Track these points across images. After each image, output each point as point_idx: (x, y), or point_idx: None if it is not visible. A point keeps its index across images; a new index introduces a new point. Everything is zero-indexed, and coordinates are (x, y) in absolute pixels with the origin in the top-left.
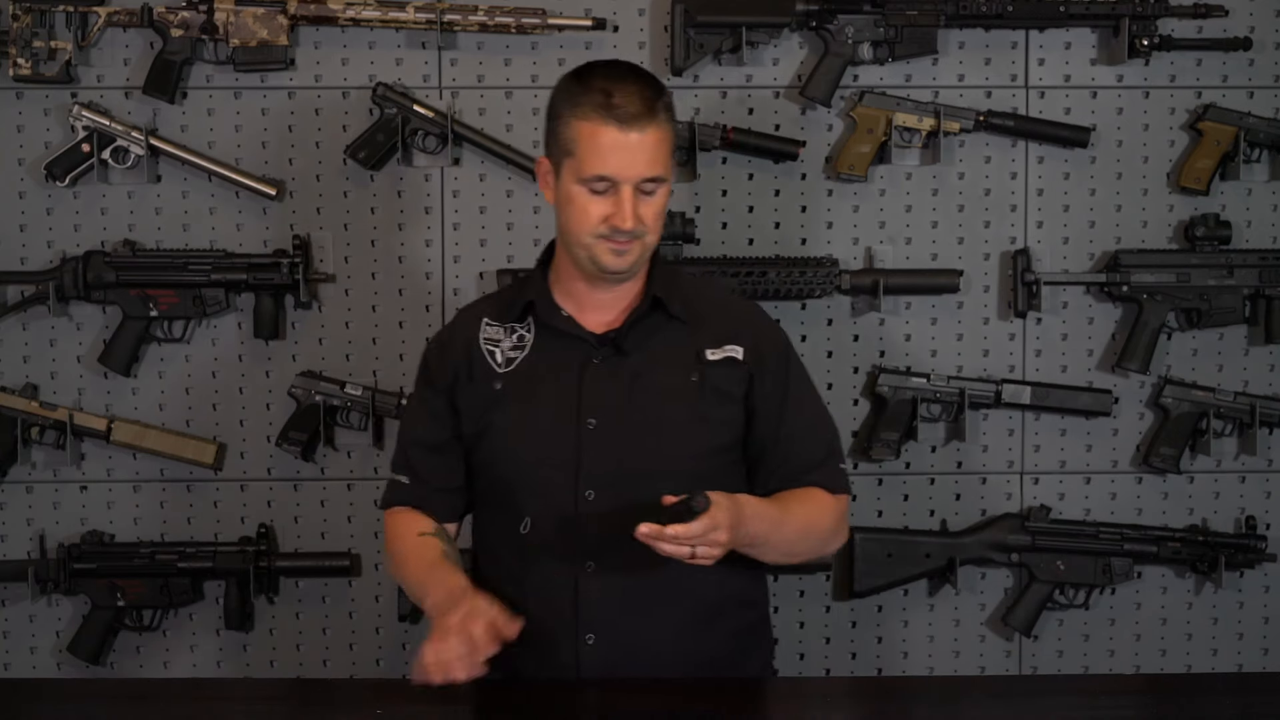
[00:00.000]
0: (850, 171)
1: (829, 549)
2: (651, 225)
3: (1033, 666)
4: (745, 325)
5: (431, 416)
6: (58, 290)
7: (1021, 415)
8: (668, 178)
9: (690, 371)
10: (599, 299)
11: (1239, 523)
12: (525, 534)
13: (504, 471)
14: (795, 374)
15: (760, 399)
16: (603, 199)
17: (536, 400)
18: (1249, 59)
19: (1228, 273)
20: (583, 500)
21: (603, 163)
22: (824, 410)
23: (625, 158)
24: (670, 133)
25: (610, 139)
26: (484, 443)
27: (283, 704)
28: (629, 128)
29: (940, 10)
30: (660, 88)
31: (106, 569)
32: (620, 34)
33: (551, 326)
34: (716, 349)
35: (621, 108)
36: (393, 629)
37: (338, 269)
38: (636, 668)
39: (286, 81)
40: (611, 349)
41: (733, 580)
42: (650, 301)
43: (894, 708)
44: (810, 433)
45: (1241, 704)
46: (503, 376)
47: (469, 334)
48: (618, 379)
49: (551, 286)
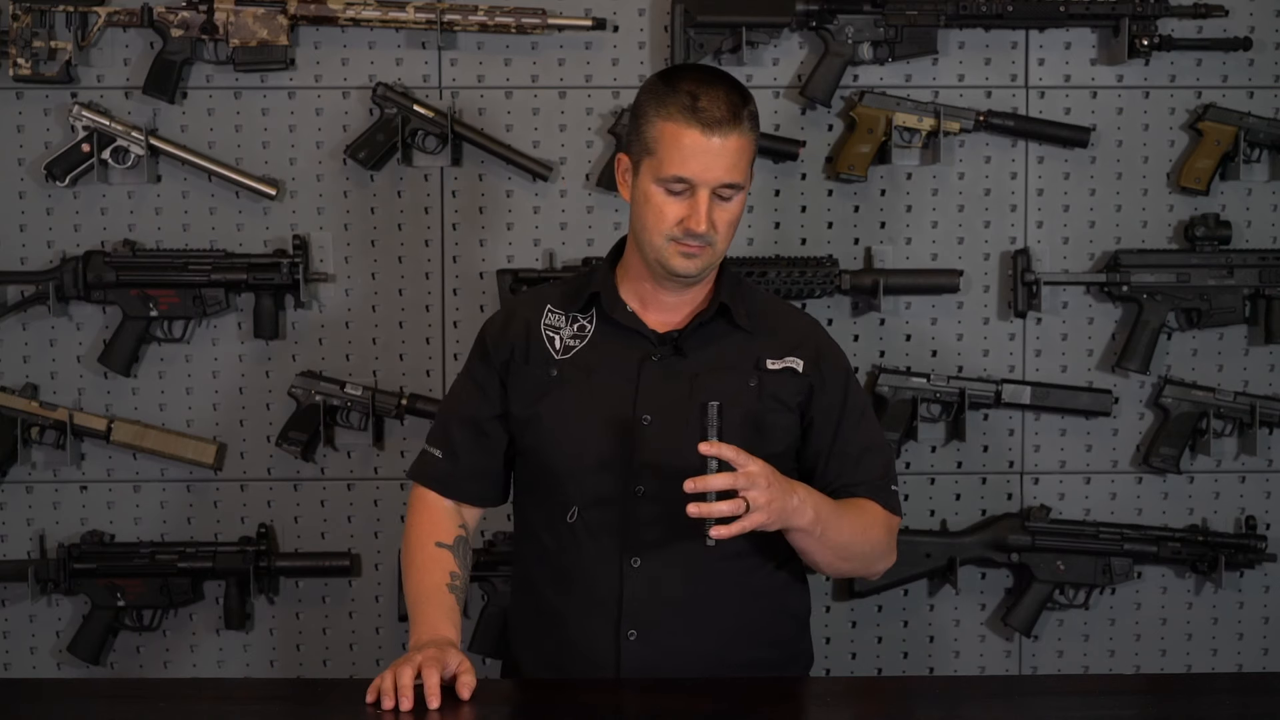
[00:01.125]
0: (850, 171)
1: (877, 566)
2: (723, 232)
3: (1033, 666)
4: (809, 341)
5: (481, 391)
6: (58, 290)
7: (1021, 415)
8: (745, 186)
9: (749, 377)
10: (664, 300)
11: (1239, 523)
12: (572, 523)
13: (553, 459)
14: (854, 395)
15: (818, 410)
16: (679, 201)
17: (592, 391)
18: (1249, 59)
19: (1228, 273)
20: (632, 495)
21: (683, 164)
22: (882, 436)
23: (706, 161)
24: (752, 142)
25: (692, 141)
26: (534, 428)
27: (283, 704)
28: (712, 132)
29: (940, 10)
30: (747, 96)
31: (106, 569)
32: (620, 34)
33: (614, 320)
34: (777, 359)
35: (707, 111)
36: (393, 629)
37: (338, 269)
38: (676, 669)
39: (286, 81)
40: (671, 349)
41: (778, 589)
42: (716, 308)
43: (894, 708)
44: (866, 452)
45: (1241, 704)
46: (559, 363)
47: (531, 316)
48: (676, 378)
49: (618, 282)
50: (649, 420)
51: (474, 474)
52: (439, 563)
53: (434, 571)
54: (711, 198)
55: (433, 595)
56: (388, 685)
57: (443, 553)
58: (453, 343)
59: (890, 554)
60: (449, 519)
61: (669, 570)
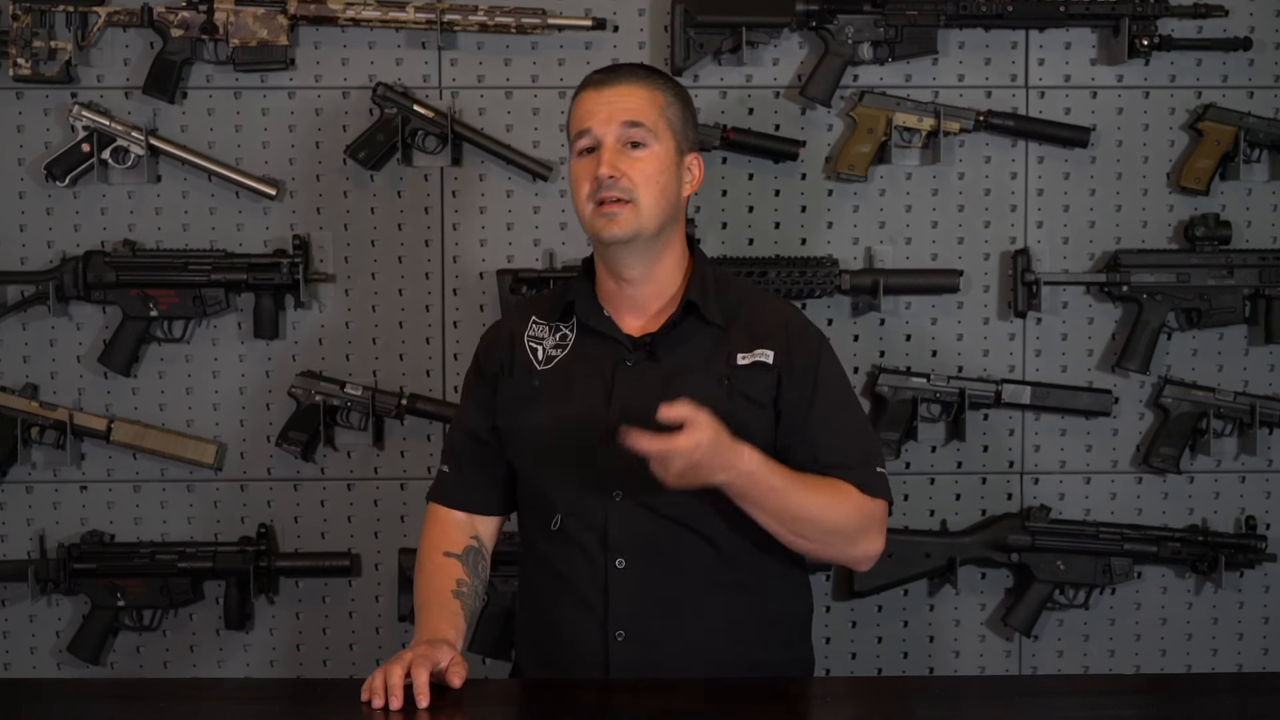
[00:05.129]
0: (850, 171)
1: (856, 550)
2: (643, 185)
3: (1033, 666)
4: (779, 328)
5: (477, 407)
6: (58, 290)
7: (1021, 415)
8: (657, 137)
9: (720, 376)
10: (631, 298)
11: (1239, 523)
12: (555, 530)
13: (534, 469)
14: (827, 377)
15: (788, 398)
16: (589, 161)
17: (569, 399)
18: (1249, 59)
19: (1228, 273)
20: (611, 500)
21: (581, 121)
22: (861, 418)
23: (598, 108)
24: (661, 97)
25: (586, 98)
26: (516, 438)
27: (283, 704)
28: (602, 85)
29: (940, 10)
30: (656, 69)
31: (106, 569)
32: (620, 34)
33: (591, 327)
34: (747, 353)
35: (600, 73)
36: (393, 629)
37: (338, 269)
38: (666, 669)
39: (286, 81)
40: (645, 353)
41: (772, 590)
42: (685, 306)
43: (894, 708)
44: (840, 435)
45: (1241, 704)
46: (541, 374)
47: (517, 328)
48: (648, 383)
49: (596, 290)
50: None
51: (479, 484)
52: (446, 570)
53: (439, 578)
54: (619, 146)
55: (436, 600)
56: (378, 685)
57: (451, 561)
58: (453, 343)
59: (869, 537)
60: (459, 531)
61: (652, 571)
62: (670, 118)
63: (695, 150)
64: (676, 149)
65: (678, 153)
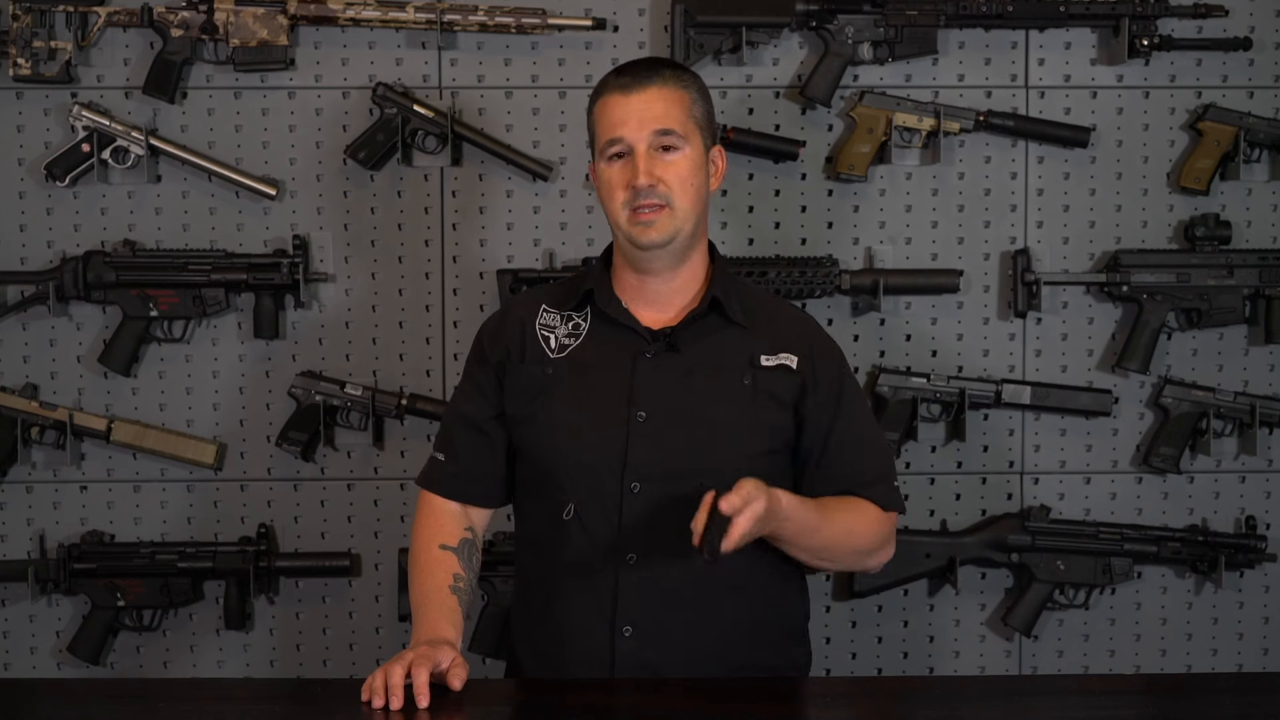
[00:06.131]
0: (850, 171)
1: (871, 562)
2: (677, 189)
3: (1033, 666)
4: (803, 337)
5: (478, 393)
6: (58, 290)
7: (1021, 415)
8: (687, 139)
9: (743, 374)
10: (654, 293)
11: (1239, 523)
12: (568, 520)
13: (549, 456)
14: (849, 392)
15: (811, 409)
16: (622, 167)
17: (587, 388)
18: (1249, 59)
19: (1228, 273)
20: (628, 492)
21: (612, 128)
22: (878, 433)
23: (629, 116)
24: (687, 97)
25: (615, 104)
26: (530, 426)
27: (283, 704)
28: (629, 90)
29: (940, 10)
30: (676, 63)
31: (106, 569)
32: (620, 34)
33: (608, 318)
34: (771, 355)
35: (623, 75)
36: (393, 629)
37: (338, 269)
38: (671, 667)
39: (286, 81)
40: (665, 345)
41: (775, 593)
42: (709, 302)
43: (894, 708)
44: (860, 449)
45: (1241, 704)
46: (554, 362)
47: (526, 316)
48: (670, 374)
49: (613, 282)
50: (644, 417)
51: (476, 475)
52: (442, 565)
53: (436, 574)
54: (652, 152)
55: (434, 596)
56: (378, 685)
57: (446, 555)
58: (453, 343)
59: (885, 549)
60: (454, 522)
61: (665, 567)
62: (697, 116)
63: (717, 142)
64: (704, 146)
65: (705, 150)
